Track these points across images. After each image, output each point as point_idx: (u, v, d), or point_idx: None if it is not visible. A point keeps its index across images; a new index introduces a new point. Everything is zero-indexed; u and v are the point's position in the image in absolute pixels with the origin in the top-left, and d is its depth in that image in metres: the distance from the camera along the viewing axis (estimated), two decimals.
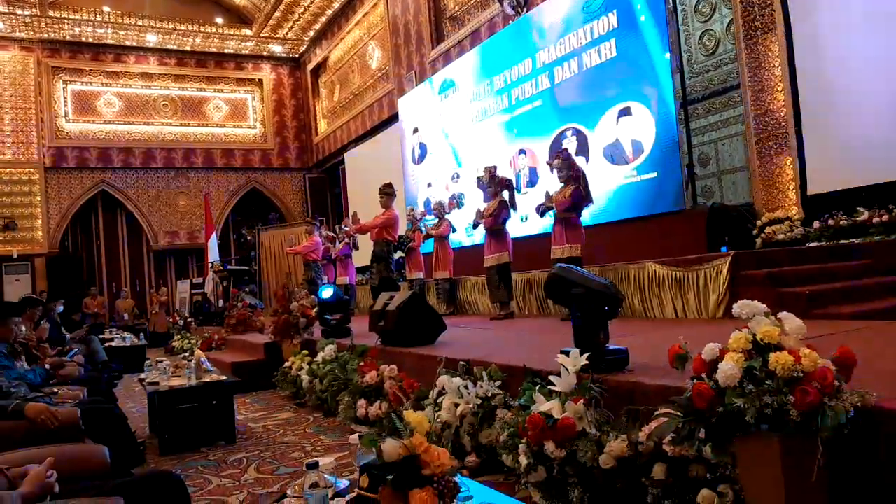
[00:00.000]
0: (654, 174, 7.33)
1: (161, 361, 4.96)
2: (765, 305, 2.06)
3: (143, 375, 5.16)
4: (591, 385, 2.69)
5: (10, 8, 14.58)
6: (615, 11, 7.78)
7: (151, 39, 16.82)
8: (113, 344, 9.75)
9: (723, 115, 8.53)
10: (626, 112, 7.68)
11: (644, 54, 7.39)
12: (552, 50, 8.80)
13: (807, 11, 6.40)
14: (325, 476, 1.53)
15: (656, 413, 2.37)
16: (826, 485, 1.88)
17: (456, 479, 1.46)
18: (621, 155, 7.75)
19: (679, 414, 2.07)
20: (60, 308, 8.79)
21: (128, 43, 16.80)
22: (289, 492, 1.72)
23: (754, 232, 6.54)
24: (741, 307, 2.05)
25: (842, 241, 5.87)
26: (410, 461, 1.38)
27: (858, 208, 5.89)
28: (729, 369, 1.90)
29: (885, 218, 5.62)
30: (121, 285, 16.76)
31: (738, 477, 2.09)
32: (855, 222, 5.83)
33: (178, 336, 11.87)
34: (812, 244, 6.06)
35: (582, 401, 2.64)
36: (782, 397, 1.82)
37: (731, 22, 7.90)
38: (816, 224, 6.15)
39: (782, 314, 2.01)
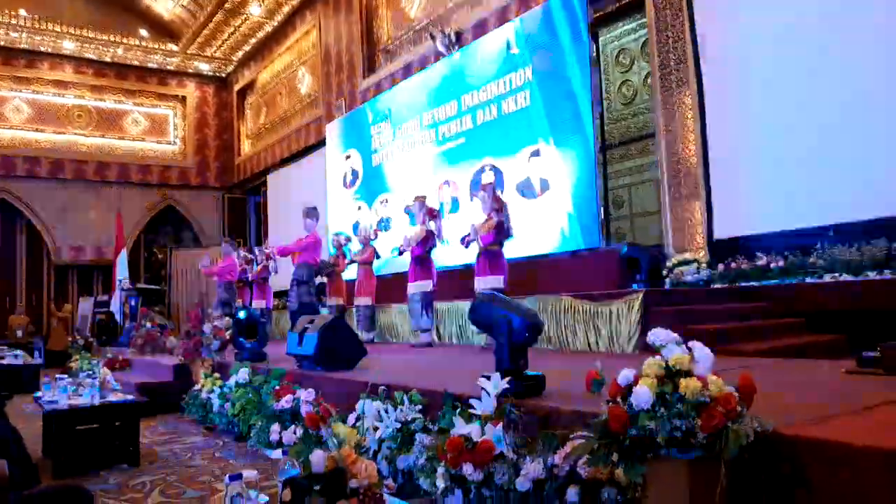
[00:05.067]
0: (565, 210, 7.68)
1: (61, 379, 4.67)
2: (676, 335, 2.19)
3: (38, 394, 4.85)
4: (511, 409, 2.75)
5: None
6: (531, 66, 8.23)
7: (69, 47, 16.10)
8: (3, 362, 9.09)
9: (637, 162, 8.98)
10: (536, 153, 8.17)
11: (559, 102, 7.80)
12: (476, 95, 9.29)
13: (718, 68, 6.89)
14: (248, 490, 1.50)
15: (572, 436, 2.46)
16: None
17: (383, 493, 1.47)
18: (531, 191, 8.15)
19: (594, 436, 2.15)
20: None
21: (42, 49, 16.01)
22: None
23: (664, 272, 6.88)
24: (656, 335, 2.16)
25: (742, 284, 6.27)
26: (338, 473, 1.38)
27: (758, 253, 6.32)
28: (643, 393, 2.00)
29: (781, 263, 6.06)
30: (15, 300, 15.67)
31: (646, 500, 2.19)
32: (755, 266, 6.25)
33: (78, 356, 11.18)
34: (716, 285, 6.44)
35: (501, 424, 2.69)
36: (690, 420, 1.93)
37: (648, 74, 8.41)
38: (721, 266, 6.54)
39: (692, 343, 2.14)
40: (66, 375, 5.16)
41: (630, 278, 6.64)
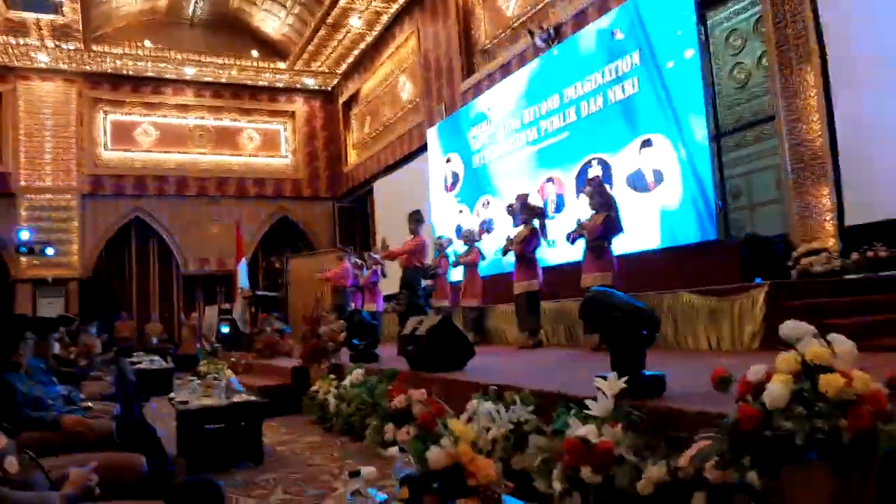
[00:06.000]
0: (678, 203, 7.32)
1: (191, 381, 4.98)
2: (812, 327, 2.01)
3: (172, 395, 5.19)
4: (630, 410, 2.63)
5: (56, 43, 15.12)
6: (639, 50, 7.89)
7: (189, 72, 17.29)
8: (141, 366, 9.83)
9: (754, 148, 8.45)
10: (647, 143, 7.77)
11: (667, 89, 7.45)
12: (579, 86, 8.98)
13: (843, 40, 6.36)
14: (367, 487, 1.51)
15: (697, 438, 2.31)
16: None
17: (501, 494, 1.43)
18: (643, 183, 7.79)
19: (723, 438, 2.01)
20: (93, 330, 8.90)
21: (166, 75, 17.28)
22: (326, 501, 1.70)
23: (789, 263, 6.42)
24: (789, 328, 1.99)
25: (881, 273, 5.72)
26: (456, 470, 1.36)
27: None
28: (777, 390, 1.85)
29: None
30: (150, 310, 16.97)
31: None
32: (895, 254, 5.69)
33: (206, 360, 11.93)
34: (850, 276, 5.92)
35: (619, 425, 2.59)
36: (834, 420, 1.76)
37: (762, 54, 7.89)
38: (855, 256, 6.01)
39: (832, 335, 1.96)
40: (195, 378, 5.49)
41: (752, 271, 6.24)
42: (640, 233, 7.66)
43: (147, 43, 16.55)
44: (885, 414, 1.75)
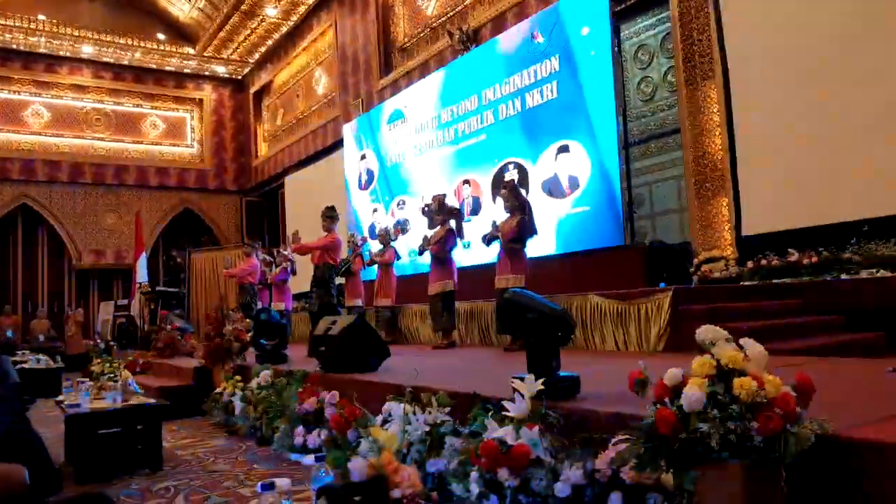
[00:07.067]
0: (588, 209, 7.51)
1: (83, 382, 4.63)
2: (726, 332, 2.07)
3: (60, 398, 4.81)
4: (548, 411, 2.64)
5: None
6: (558, 56, 8.03)
7: (87, 51, 16.22)
8: (26, 366, 9.11)
9: (657, 159, 8.82)
10: (564, 149, 7.91)
11: (584, 97, 7.62)
12: (498, 88, 9.01)
13: (744, 59, 6.72)
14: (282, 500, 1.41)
15: (614, 440, 2.34)
16: None
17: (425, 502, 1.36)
18: (559, 189, 7.94)
19: (640, 440, 2.04)
20: None
21: (61, 53, 16.13)
22: None
23: (691, 270, 6.73)
24: (704, 332, 2.04)
25: (774, 281, 6.10)
26: (379, 481, 1.28)
27: (790, 250, 6.14)
28: (694, 394, 1.88)
29: (814, 259, 5.88)
30: (37, 305, 15.79)
31: None
32: (787, 263, 6.08)
33: (99, 360, 11.21)
34: (746, 283, 6.27)
35: (537, 427, 2.58)
36: (746, 423, 1.81)
37: (668, 70, 8.25)
38: (750, 264, 6.37)
39: (744, 340, 2.02)
40: (87, 379, 5.12)
41: (655, 277, 6.50)
42: (550, 237, 7.81)
43: (41, 16, 15.39)
44: (793, 416, 1.82)
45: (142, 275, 13.90)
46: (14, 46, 15.53)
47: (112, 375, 5.07)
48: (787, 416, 1.81)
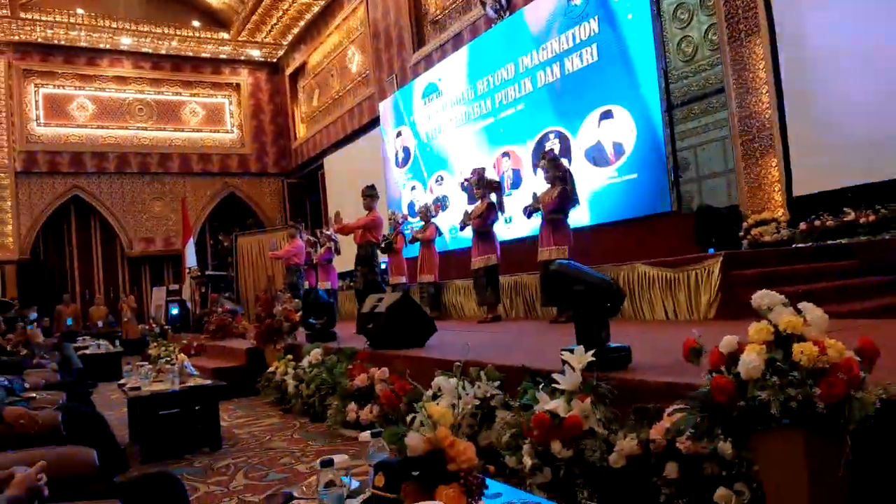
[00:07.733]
0: (635, 176, 7.34)
1: (142, 366, 4.79)
2: (783, 296, 2.01)
3: (122, 381, 4.99)
4: (599, 382, 2.62)
5: None
6: (597, 17, 7.80)
7: (126, 42, 16.51)
8: (87, 352, 9.48)
9: (701, 121, 8.56)
10: (607, 115, 7.71)
11: (627, 58, 7.40)
12: (535, 55, 8.80)
13: (791, 11, 6.44)
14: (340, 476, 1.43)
15: (669, 410, 2.31)
16: (848, 481, 1.83)
17: (482, 475, 1.37)
18: (603, 157, 7.76)
19: (696, 409, 2.00)
20: (34, 315, 8.52)
21: (101, 45, 16.44)
22: (295, 492, 1.61)
23: (741, 234, 6.55)
24: (760, 297, 1.98)
25: (828, 242, 5.89)
26: (436, 455, 1.29)
27: (845, 209, 5.91)
28: (751, 361, 1.84)
29: (871, 218, 5.64)
30: (94, 293, 16.36)
31: (755, 474, 2.03)
32: (842, 223, 5.85)
33: (155, 343, 11.59)
34: (799, 245, 6.08)
35: (588, 398, 2.57)
36: (807, 389, 1.76)
37: (710, 28, 7.96)
38: (803, 225, 6.16)
39: (803, 304, 1.95)
40: (146, 363, 5.29)
41: (704, 243, 6.35)
42: (594, 205, 7.69)
43: (79, 10, 15.71)
44: (857, 381, 1.76)
45: (191, 260, 14.26)
46: (56, 42, 15.90)
47: (169, 359, 5.21)
48: (851, 381, 1.76)
